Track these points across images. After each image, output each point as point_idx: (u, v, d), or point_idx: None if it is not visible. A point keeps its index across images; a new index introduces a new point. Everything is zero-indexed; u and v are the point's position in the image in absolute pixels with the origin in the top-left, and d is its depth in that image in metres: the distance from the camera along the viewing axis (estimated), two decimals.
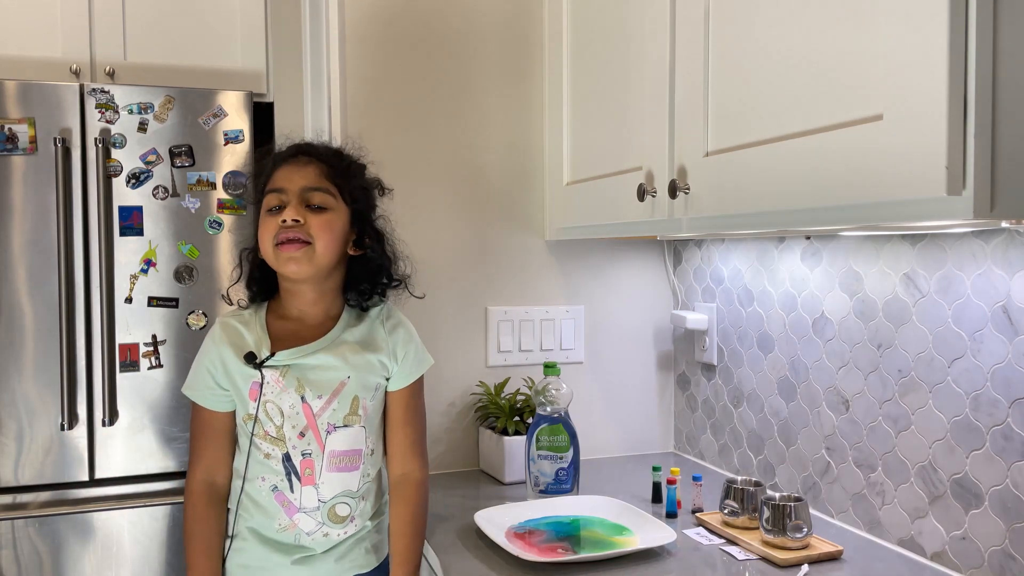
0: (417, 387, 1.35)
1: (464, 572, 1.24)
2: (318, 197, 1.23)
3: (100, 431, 2.12)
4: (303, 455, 1.25)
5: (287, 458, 1.24)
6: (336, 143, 1.39)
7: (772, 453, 1.63)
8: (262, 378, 1.23)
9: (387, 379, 1.31)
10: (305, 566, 1.27)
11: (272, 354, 1.24)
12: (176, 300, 2.17)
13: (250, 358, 1.23)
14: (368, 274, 1.31)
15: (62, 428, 2.09)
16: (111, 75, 2.44)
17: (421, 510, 1.31)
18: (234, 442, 1.29)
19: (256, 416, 1.23)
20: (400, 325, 1.33)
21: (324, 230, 1.22)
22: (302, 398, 1.24)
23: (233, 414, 1.28)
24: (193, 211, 2.17)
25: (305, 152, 1.27)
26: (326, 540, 1.27)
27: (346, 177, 1.28)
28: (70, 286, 2.09)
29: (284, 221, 1.20)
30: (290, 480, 1.25)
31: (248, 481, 1.27)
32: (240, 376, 1.24)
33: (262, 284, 1.31)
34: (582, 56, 1.68)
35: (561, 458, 1.56)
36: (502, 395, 1.79)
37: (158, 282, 2.16)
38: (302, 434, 1.24)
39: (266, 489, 1.26)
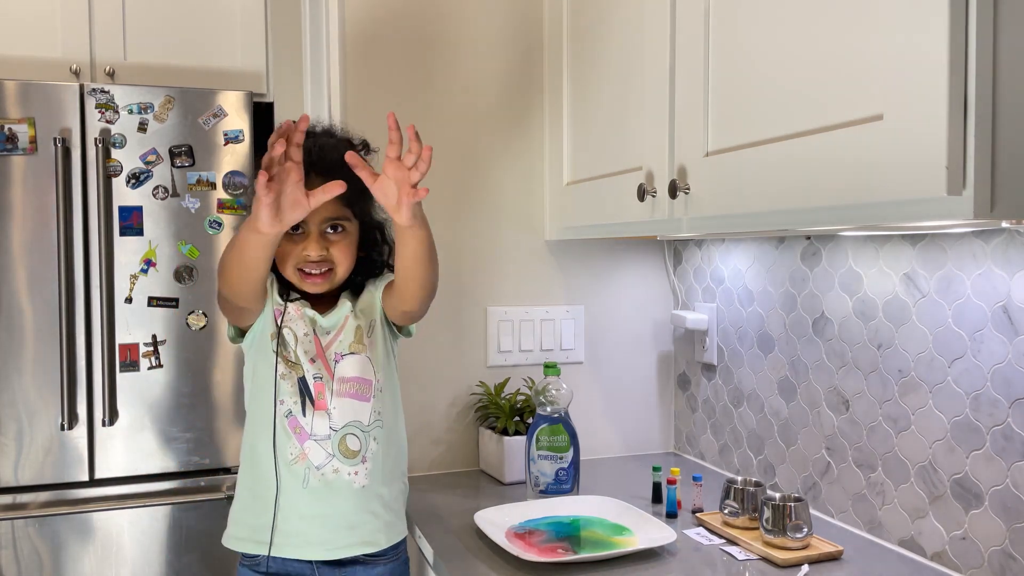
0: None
1: (464, 572, 1.24)
2: (338, 223, 1.29)
3: (100, 431, 2.12)
4: (315, 379, 1.30)
5: (303, 381, 1.30)
6: (330, 125, 1.39)
7: (772, 453, 1.63)
8: (285, 308, 1.31)
9: (384, 317, 1.36)
10: (318, 499, 1.29)
11: (300, 296, 1.32)
12: (176, 300, 2.17)
13: (284, 290, 1.32)
14: (369, 267, 1.39)
15: (62, 428, 2.09)
16: (111, 75, 2.44)
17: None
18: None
19: (279, 335, 1.30)
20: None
21: (345, 255, 1.30)
22: (314, 330, 1.31)
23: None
24: (193, 211, 2.17)
25: (318, 169, 1.25)
26: (336, 477, 1.29)
27: (357, 190, 1.25)
28: (70, 286, 2.09)
29: (308, 255, 1.26)
30: (303, 403, 1.29)
31: (268, 403, 1.30)
32: (270, 299, 1.32)
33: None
34: (582, 55, 1.68)
35: (561, 458, 1.56)
36: (502, 395, 1.79)
37: (158, 282, 2.16)
38: (313, 359, 1.30)
39: (281, 414, 1.30)
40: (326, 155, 1.28)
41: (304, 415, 1.29)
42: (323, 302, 1.35)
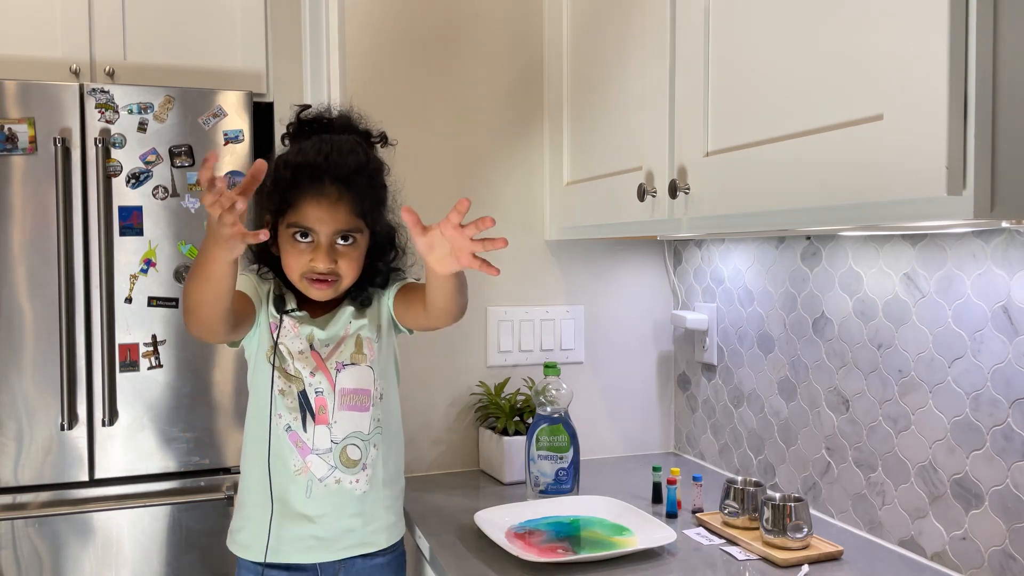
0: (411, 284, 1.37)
1: (464, 572, 1.24)
2: (349, 234, 1.26)
3: (100, 431, 2.12)
4: (316, 393, 1.30)
5: (303, 395, 1.29)
6: (348, 111, 1.36)
7: (772, 453, 1.63)
8: (280, 321, 1.29)
9: (392, 320, 1.35)
10: (320, 507, 1.29)
11: (298, 308, 1.31)
12: (176, 300, 2.17)
13: (279, 302, 1.30)
14: (375, 275, 1.35)
15: (62, 428, 2.09)
16: (111, 75, 2.44)
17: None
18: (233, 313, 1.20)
19: (276, 350, 1.29)
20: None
21: (352, 267, 1.27)
22: (311, 346, 1.30)
23: (247, 301, 1.27)
24: (193, 211, 2.17)
25: (333, 178, 1.22)
26: (338, 487, 1.29)
27: (372, 200, 1.27)
28: (70, 286, 2.09)
29: (316, 266, 1.23)
30: (304, 418, 1.29)
31: (266, 417, 1.29)
32: (266, 311, 1.30)
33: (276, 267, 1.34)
34: (582, 55, 1.68)
35: (561, 458, 1.56)
36: (502, 395, 1.79)
37: (158, 282, 2.16)
38: (313, 372, 1.30)
39: (280, 428, 1.29)
40: (344, 159, 1.24)
41: (305, 430, 1.29)
42: (324, 305, 1.34)
